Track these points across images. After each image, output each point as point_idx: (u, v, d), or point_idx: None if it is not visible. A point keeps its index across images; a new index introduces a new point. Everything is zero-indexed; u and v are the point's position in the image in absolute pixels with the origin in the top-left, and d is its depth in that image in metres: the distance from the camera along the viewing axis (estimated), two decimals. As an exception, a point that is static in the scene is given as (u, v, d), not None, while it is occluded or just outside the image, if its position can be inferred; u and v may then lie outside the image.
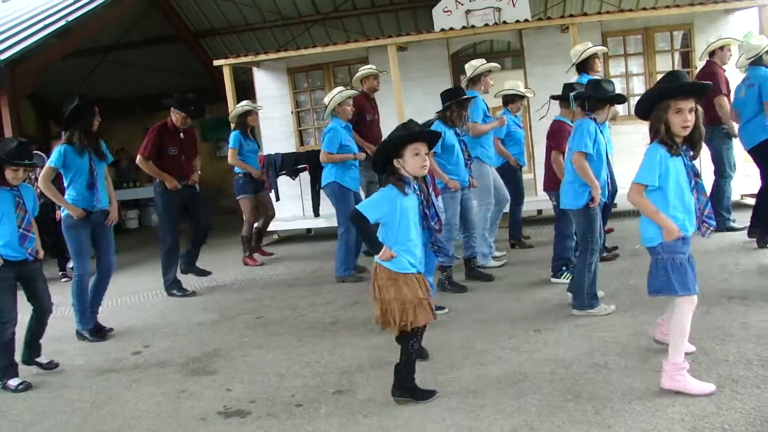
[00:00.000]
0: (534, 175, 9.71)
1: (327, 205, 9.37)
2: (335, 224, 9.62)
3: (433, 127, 5.26)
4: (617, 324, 4.84)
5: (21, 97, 9.61)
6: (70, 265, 9.14)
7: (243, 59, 10.28)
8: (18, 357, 5.01)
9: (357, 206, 3.88)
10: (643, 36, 9.53)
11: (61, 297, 7.93)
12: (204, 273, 7.68)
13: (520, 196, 7.80)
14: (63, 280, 9.04)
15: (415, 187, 3.86)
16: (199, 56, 15.36)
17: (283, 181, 10.02)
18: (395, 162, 3.81)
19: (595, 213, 5.15)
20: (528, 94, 8.03)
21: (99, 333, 5.95)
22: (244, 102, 8.82)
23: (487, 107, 7.23)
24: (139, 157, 7.04)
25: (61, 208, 5.83)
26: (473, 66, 7.15)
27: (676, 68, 9.66)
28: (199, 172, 7.48)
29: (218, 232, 11.72)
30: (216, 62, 10.27)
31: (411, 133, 3.84)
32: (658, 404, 3.51)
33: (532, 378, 4.03)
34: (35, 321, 5.11)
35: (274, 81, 10.64)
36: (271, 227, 10.21)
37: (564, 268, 6.05)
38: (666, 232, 3.61)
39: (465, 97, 6.24)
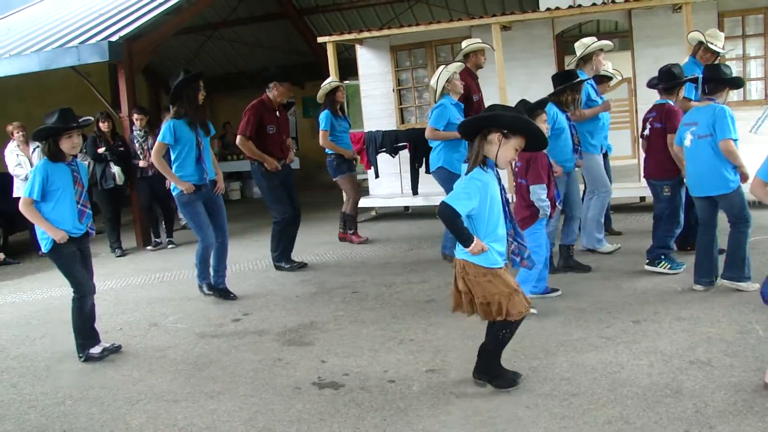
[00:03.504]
0: (638, 161, 9.38)
1: (425, 184, 9.40)
2: (432, 203, 9.68)
3: (547, 110, 5.17)
4: (723, 320, 4.64)
5: (136, 72, 10.02)
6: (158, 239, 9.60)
7: (346, 36, 10.36)
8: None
9: (445, 200, 3.61)
10: (764, 16, 8.98)
11: (169, 263, 8.34)
12: (300, 265, 7.41)
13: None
14: (170, 246, 9.47)
15: (497, 172, 3.70)
16: (303, 33, 15.60)
17: (383, 159, 10.08)
18: (493, 137, 3.60)
19: (743, 190, 5.08)
20: (616, 76, 7.71)
21: (218, 292, 6.25)
22: (330, 78, 8.67)
23: (596, 90, 6.94)
24: (239, 137, 6.97)
25: (173, 188, 5.97)
26: (585, 44, 6.82)
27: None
28: (294, 150, 7.43)
29: (318, 207, 11.96)
30: (320, 39, 10.39)
31: (535, 131, 3.68)
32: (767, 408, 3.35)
33: (629, 369, 3.94)
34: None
35: (376, 58, 10.68)
36: (369, 204, 10.33)
37: (663, 257, 5.85)
38: None
39: (580, 80, 6.07)
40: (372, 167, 10.00)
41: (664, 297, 5.25)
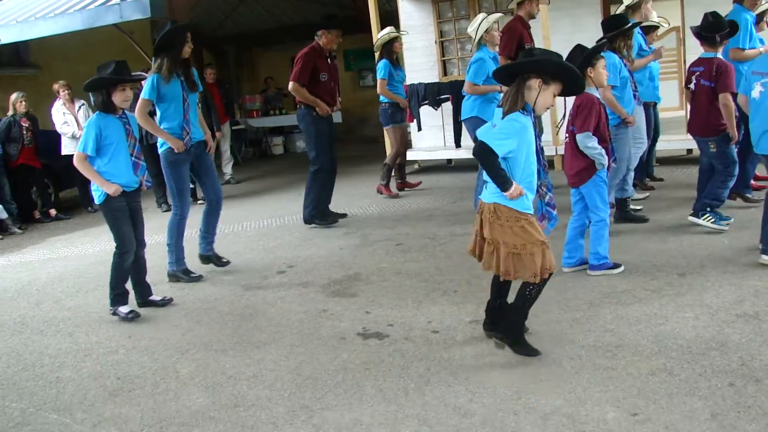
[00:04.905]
0: (685, 113, 9.13)
1: (468, 137, 9.32)
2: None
3: (606, 58, 4.96)
4: (772, 272, 4.57)
5: (177, 27, 10.08)
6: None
7: (388, -12, 10.23)
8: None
9: (481, 137, 3.50)
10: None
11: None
12: (341, 216, 7.44)
13: (656, 134, 7.41)
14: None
15: (533, 118, 3.58)
16: (344, -16, 15.44)
17: (426, 112, 10.02)
18: (532, 83, 3.50)
19: None
20: (663, 24, 7.46)
21: (192, 273, 5.75)
22: (388, 29, 8.64)
23: (645, 39, 6.74)
24: (292, 84, 6.87)
25: (159, 144, 5.61)
26: None
27: None
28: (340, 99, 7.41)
29: (360, 160, 11.99)
30: (361, -9, 10.29)
31: (577, 78, 3.60)
32: (814, 359, 3.31)
33: (674, 322, 3.91)
34: (134, 263, 5.01)
35: (418, 10, 10.54)
36: (413, 157, 10.31)
37: (709, 210, 5.63)
38: None
39: (632, 24, 5.90)
40: (415, 120, 9.95)
41: (711, 250, 5.16)
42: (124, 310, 4.96)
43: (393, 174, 8.91)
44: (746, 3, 6.46)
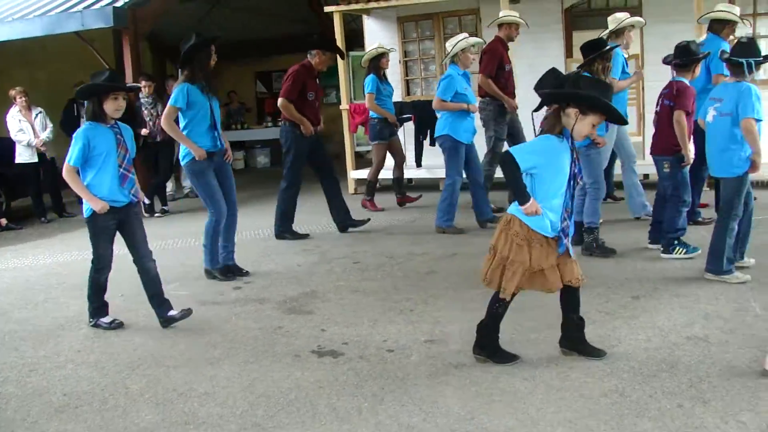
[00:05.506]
0: (643, 138, 9.33)
1: (429, 157, 9.38)
2: (436, 175, 9.68)
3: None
4: (721, 297, 4.65)
5: (140, 38, 9.97)
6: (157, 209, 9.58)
7: (354, 6, 10.27)
8: (155, 321, 4.88)
9: (510, 149, 3.65)
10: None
11: (170, 231, 8.37)
12: (303, 236, 7.39)
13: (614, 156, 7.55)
14: (156, 216, 9.50)
15: (571, 145, 3.66)
16: (309, 2, 15.45)
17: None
18: (570, 112, 3.57)
19: (748, 180, 4.97)
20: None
21: (230, 273, 5.96)
22: (376, 44, 8.77)
23: (626, 62, 6.87)
24: (282, 99, 6.93)
25: (182, 157, 5.77)
26: (618, 19, 6.83)
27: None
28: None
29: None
30: (327, 9, 10.32)
31: (613, 112, 3.64)
32: (761, 384, 3.37)
33: (627, 344, 3.96)
34: (143, 277, 4.86)
35: (383, 29, 10.60)
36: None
37: (676, 242, 5.67)
38: None
39: (609, 47, 6.02)
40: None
41: (664, 273, 5.26)
42: (105, 320, 4.87)
43: (377, 188, 8.95)
44: (723, 33, 6.64)
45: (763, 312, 4.34)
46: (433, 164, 9.46)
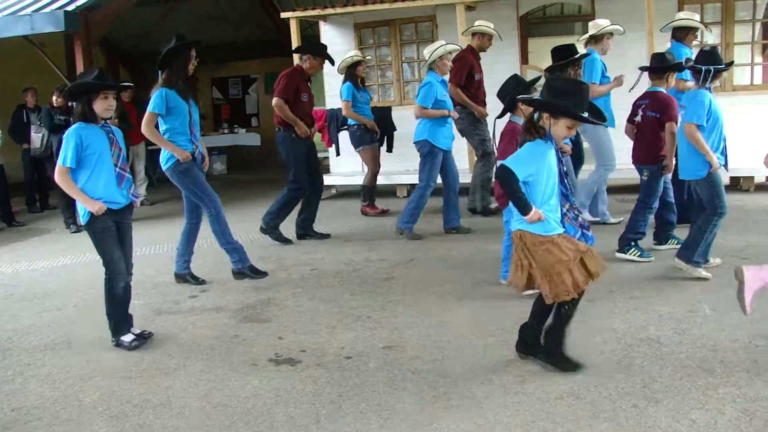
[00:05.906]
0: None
1: (386, 163, 9.38)
2: (393, 182, 9.70)
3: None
4: (674, 299, 4.75)
5: (94, 44, 9.76)
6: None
7: (310, 12, 10.28)
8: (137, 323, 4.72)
9: (504, 162, 3.66)
10: (723, 4, 9.10)
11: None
12: (323, 236, 7.47)
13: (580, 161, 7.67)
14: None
15: (555, 144, 3.70)
16: (266, 8, 15.39)
17: (344, 137, 10.00)
18: (543, 116, 3.63)
19: (718, 177, 5.13)
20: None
21: (257, 272, 5.96)
22: (353, 52, 8.78)
23: (605, 67, 6.96)
24: (276, 100, 6.93)
25: (164, 161, 5.64)
26: (599, 25, 6.96)
27: (755, 40, 9.31)
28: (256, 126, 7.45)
29: (278, 185, 11.87)
30: (283, 14, 10.29)
31: (579, 117, 3.65)
32: (710, 383, 3.46)
33: (583, 347, 4.00)
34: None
35: (340, 36, 10.60)
36: (330, 182, 10.28)
37: (633, 244, 5.81)
38: None
39: (581, 54, 6.07)
40: (333, 145, 9.96)
41: (620, 277, 5.33)
42: (126, 339, 4.50)
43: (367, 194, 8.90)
44: (686, 40, 6.81)
45: (712, 313, 4.44)
46: (390, 170, 9.48)
